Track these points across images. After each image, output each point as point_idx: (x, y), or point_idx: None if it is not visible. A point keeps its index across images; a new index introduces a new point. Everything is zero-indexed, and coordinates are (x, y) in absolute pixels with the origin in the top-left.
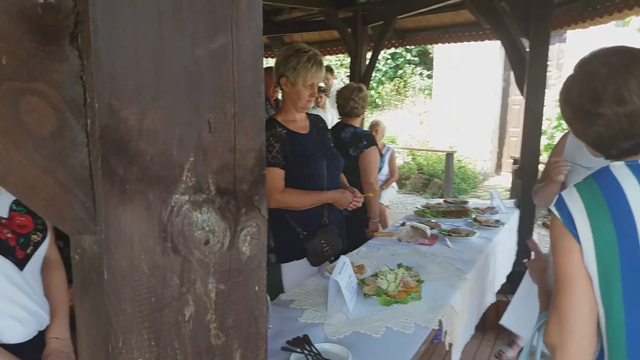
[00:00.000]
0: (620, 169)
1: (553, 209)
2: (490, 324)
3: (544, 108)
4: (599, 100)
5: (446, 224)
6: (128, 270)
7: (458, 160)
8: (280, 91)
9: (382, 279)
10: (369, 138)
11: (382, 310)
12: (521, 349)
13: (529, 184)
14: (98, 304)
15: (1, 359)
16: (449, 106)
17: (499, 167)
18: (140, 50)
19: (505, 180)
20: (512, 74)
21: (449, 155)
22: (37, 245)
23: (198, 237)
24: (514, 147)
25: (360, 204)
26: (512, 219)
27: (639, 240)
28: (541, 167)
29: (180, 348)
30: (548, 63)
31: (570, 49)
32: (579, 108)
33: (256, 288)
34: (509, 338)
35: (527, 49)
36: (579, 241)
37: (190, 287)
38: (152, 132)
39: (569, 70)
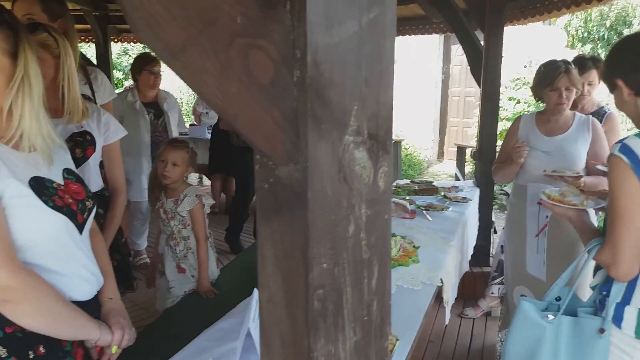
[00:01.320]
0: None
1: (619, 154)
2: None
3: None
4: None
5: (420, 200)
6: (320, 193)
7: (405, 149)
8: None
9: None
10: None
11: None
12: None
13: (487, 165)
14: (295, 221)
15: (76, 313)
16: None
17: (441, 154)
18: (333, 19)
19: (447, 167)
20: (451, 67)
21: (397, 144)
22: (89, 211)
23: (357, 171)
24: (454, 135)
25: None
26: (475, 197)
27: None
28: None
29: (347, 258)
30: None
31: None
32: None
33: (386, 216)
34: (474, 303)
35: (482, 42)
36: None
37: (352, 211)
38: (336, 84)
39: None
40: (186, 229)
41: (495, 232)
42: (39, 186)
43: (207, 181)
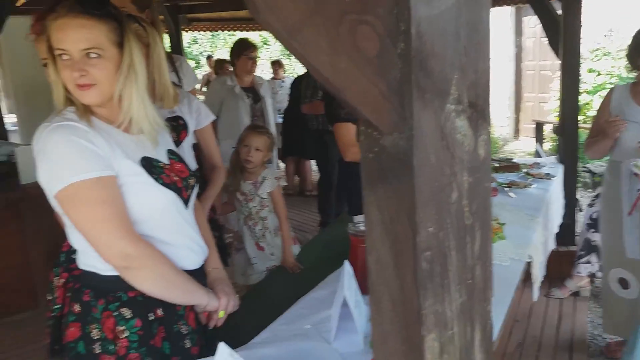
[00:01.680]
0: None
1: None
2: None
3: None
4: None
5: (501, 178)
6: (424, 160)
7: None
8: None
9: None
10: None
11: None
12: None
13: (571, 140)
14: (401, 187)
15: (186, 280)
16: None
17: (517, 132)
18: None
19: (523, 144)
20: (523, 40)
21: None
22: (192, 188)
23: (459, 139)
24: (529, 111)
25: None
26: (558, 173)
27: None
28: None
29: (450, 223)
30: None
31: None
32: None
33: (486, 184)
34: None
35: (558, 11)
36: None
37: (454, 178)
38: (437, 54)
39: None
40: (264, 210)
41: (581, 210)
42: (149, 165)
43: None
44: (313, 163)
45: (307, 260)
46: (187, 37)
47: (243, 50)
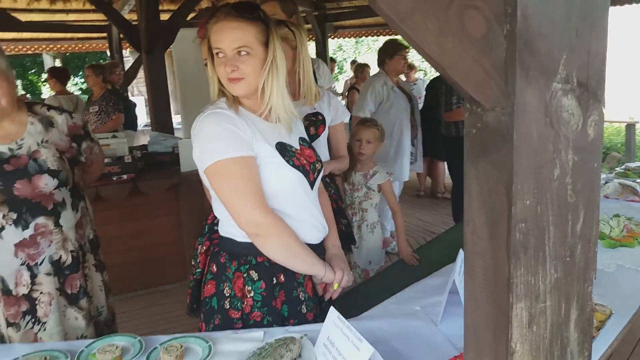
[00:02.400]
0: None
1: None
2: None
3: None
4: None
5: None
6: (525, 135)
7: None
8: None
9: (604, 224)
10: None
11: (607, 251)
12: None
13: None
14: (501, 160)
15: (308, 252)
16: (621, 73)
17: None
18: None
19: None
20: None
21: (630, 126)
22: (318, 172)
23: (564, 117)
24: None
25: None
26: None
27: None
28: None
29: (550, 199)
30: None
31: None
32: None
33: (595, 165)
34: None
35: None
36: None
37: (558, 155)
38: (544, 35)
39: None
40: (367, 201)
41: None
42: (282, 149)
43: None
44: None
45: (430, 254)
46: (332, 44)
47: (398, 50)
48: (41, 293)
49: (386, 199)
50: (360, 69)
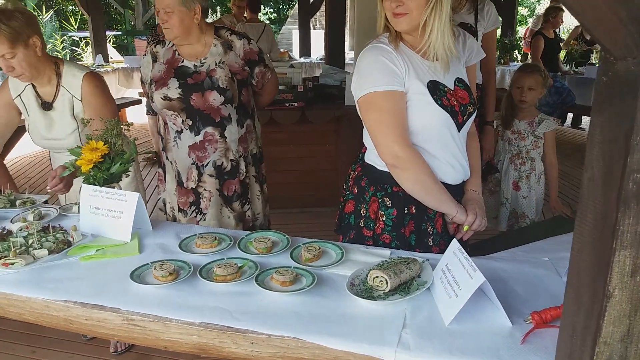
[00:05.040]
0: None
1: None
2: None
3: None
4: None
5: None
6: None
7: None
8: None
9: None
10: None
11: None
12: None
13: None
14: (625, 109)
15: (441, 190)
16: None
17: None
18: None
19: None
20: None
21: None
22: (469, 115)
23: None
24: None
25: None
26: None
27: None
28: None
29: None
30: None
31: None
32: None
33: None
34: None
35: None
36: None
37: None
38: None
39: None
40: (535, 150)
41: None
42: (434, 87)
43: None
44: None
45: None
46: None
47: None
48: (204, 190)
49: (545, 149)
50: (553, 12)
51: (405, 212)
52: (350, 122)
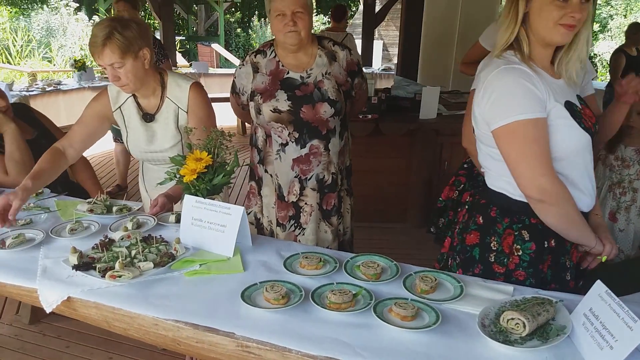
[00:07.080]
0: None
1: None
2: None
3: None
4: None
5: None
6: None
7: None
8: None
9: None
10: None
11: None
12: None
13: None
14: None
15: (583, 221)
16: None
17: None
18: None
19: None
20: None
21: None
22: (595, 134)
23: None
24: None
25: None
26: None
27: None
28: None
29: None
30: None
31: None
32: None
33: None
34: None
35: None
36: None
37: None
38: None
39: None
40: (639, 181)
41: None
42: (571, 109)
43: None
44: None
45: None
46: None
47: None
48: (305, 204)
49: None
50: (634, 29)
51: (545, 245)
52: (426, 136)
